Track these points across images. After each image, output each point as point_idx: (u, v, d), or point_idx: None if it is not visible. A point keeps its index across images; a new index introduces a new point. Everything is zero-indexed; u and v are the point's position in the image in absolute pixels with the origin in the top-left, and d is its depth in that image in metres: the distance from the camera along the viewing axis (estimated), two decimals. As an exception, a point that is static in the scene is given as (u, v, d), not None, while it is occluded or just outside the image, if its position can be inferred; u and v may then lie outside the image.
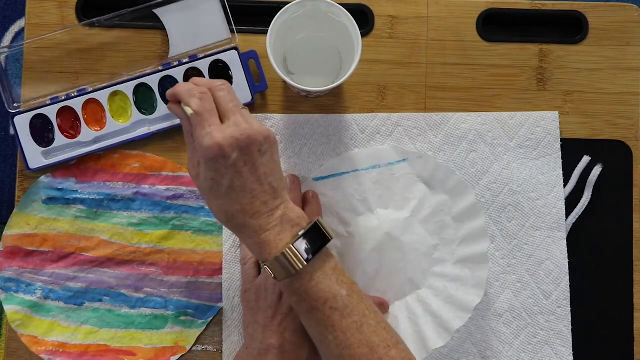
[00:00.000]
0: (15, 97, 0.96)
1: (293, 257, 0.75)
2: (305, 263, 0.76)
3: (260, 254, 0.77)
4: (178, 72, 0.96)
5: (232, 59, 0.96)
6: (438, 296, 0.91)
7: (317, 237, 0.78)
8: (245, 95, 0.96)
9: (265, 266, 0.77)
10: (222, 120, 0.76)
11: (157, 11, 0.96)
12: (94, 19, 0.96)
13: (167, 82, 0.96)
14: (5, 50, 0.97)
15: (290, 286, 0.78)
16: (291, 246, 0.76)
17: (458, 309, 0.89)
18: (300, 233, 0.77)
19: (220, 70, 0.96)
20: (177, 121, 0.96)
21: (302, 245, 0.76)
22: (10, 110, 0.95)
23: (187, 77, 0.96)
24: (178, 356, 0.94)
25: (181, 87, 0.79)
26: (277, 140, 0.79)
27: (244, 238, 0.78)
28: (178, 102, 0.79)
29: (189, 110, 0.77)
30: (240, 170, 0.75)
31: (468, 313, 0.89)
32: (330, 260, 0.79)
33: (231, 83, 0.96)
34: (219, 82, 0.79)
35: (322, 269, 0.78)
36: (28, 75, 0.97)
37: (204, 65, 0.96)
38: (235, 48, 0.96)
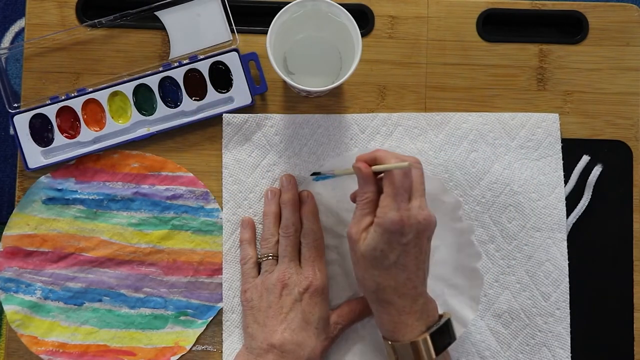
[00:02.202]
0: (15, 96, 0.96)
1: (424, 348, 0.79)
2: (432, 355, 0.79)
3: (393, 333, 0.80)
4: (178, 73, 0.96)
5: (232, 61, 0.96)
6: (436, 300, 0.91)
7: (447, 334, 0.81)
8: (245, 97, 0.96)
9: (389, 343, 0.81)
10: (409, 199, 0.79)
11: (158, 13, 0.96)
12: (95, 21, 0.96)
13: (167, 83, 0.96)
14: (5, 50, 0.97)
15: None
16: (426, 337, 0.79)
17: (454, 320, 0.90)
18: (435, 327, 0.80)
19: (220, 72, 0.96)
20: (176, 122, 0.96)
21: (432, 338, 0.79)
22: (10, 110, 0.95)
23: (187, 78, 0.96)
24: (178, 356, 0.94)
25: (389, 157, 0.79)
26: None
27: (381, 313, 0.81)
28: (369, 164, 0.81)
29: (393, 165, 0.77)
30: (409, 250, 0.78)
31: (462, 327, 0.90)
32: (447, 356, 0.83)
33: (231, 85, 0.96)
34: (417, 160, 0.81)
35: None
36: (28, 75, 0.97)
37: (204, 66, 0.96)
38: (235, 50, 0.96)
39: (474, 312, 0.90)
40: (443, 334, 0.81)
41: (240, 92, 0.96)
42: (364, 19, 0.98)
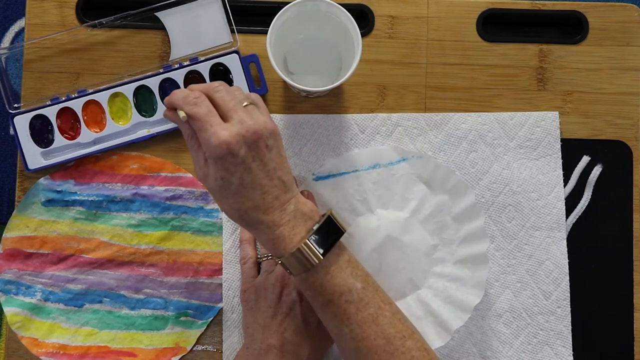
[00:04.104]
0: (15, 97, 0.96)
1: (308, 251, 0.76)
2: (321, 257, 0.76)
3: (275, 249, 0.77)
4: (179, 75, 0.96)
5: (232, 63, 0.96)
6: (438, 296, 0.91)
7: (331, 231, 0.78)
8: (245, 99, 0.96)
9: (280, 261, 0.78)
10: (225, 121, 0.75)
11: (159, 14, 0.96)
12: (96, 21, 0.96)
13: (168, 85, 0.96)
14: (5, 50, 0.97)
15: (305, 281, 0.78)
16: (306, 241, 0.76)
17: (458, 309, 0.89)
18: (315, 227, 0.77)
19: (220, 74, 0.96)
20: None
21: (316, 239, 0.76)
22: (10, 111, 0.95)
23: (187, 80, 0.96)
24: (179, 357, 0.94)
25: (176, 94, 0.78)
26: (280, 134, 0.79)
27: (258, 234, 0.78)
28: (174, 108, 0.78)
29: (181, 114, 0.75)
30: (250, 166, 0.74)
31: (467, 313, 0.89)
32: (344, 253, 0.79)
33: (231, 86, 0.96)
34: (216, 84, 0.78)
35: (337, 263, 0.78)
36: (28, 75, 0.97)
37: (204, 68, 0.96)
38: (236, 51, 0.96)
39: (478, 297, 0.90)
40: (326, 232, 0.77)
41: (241, 94, 0.96)
42: (364, 19, 0.98)
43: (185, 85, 0.96)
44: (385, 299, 0.80)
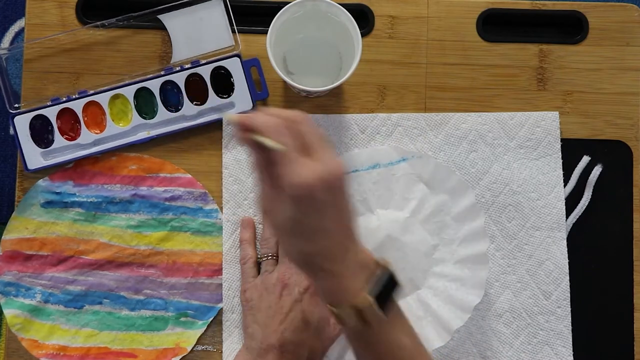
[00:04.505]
0: (15, 97, 0.96)
1: (368, 306, 0.71)
2: (382, 314, 0.71)
3: (332, 297, 0.72)
4: (180, 78, 0.96)
5: (234, 66, 0.96)
6: (438, 296, 0.91)
7: (389, 286, 0.73)
8: (246, 102, 0.96)
9: (332, 309, 0.73)
10: (306, 157, 0.69)
11: (161, 16, 0.96)
12: (98, 23, 0.96)
13: (169, 87, 0.96)
14: (5, 50, 0.97)
15: (359, 334, 0.73)
16: (366, 295, 0.71)
17: (458, 309, 0.90)
18: (375, 280, 0.72)
19: (222, 77, 0.96)
20: (177, 126, 0.96)
21: (375, 292, 0.71)
22: (10, 111, 0.95)
23: (188, 83, 0.96)
24: (179, 357, 0.94)
25: (261, 119, 0.70)
26: None
27: (316, 279, 0.73)
28: (250, 130, 0.70)
29: (266, 141, 0.68)
30: (325, 211, 0.69)
31: (467, 313, 0.89)
32: (395, 308, 0.74)
33: (232, 90, 0.96)
34: (300, 115, 0.72)
35: (390, 319, 0.73)
36: (28, 75, 0.97)
37: (205, 71, 0.96)
38: (237, 55, 0.96)
39: (478, 297, 0.90)
40: (385, 286, 0.72)
41: (242, 98, 0.95)
42: (364, 19, 0.97)
43: (186, 88, 0.96)
44: (427, 355, 0.77)
